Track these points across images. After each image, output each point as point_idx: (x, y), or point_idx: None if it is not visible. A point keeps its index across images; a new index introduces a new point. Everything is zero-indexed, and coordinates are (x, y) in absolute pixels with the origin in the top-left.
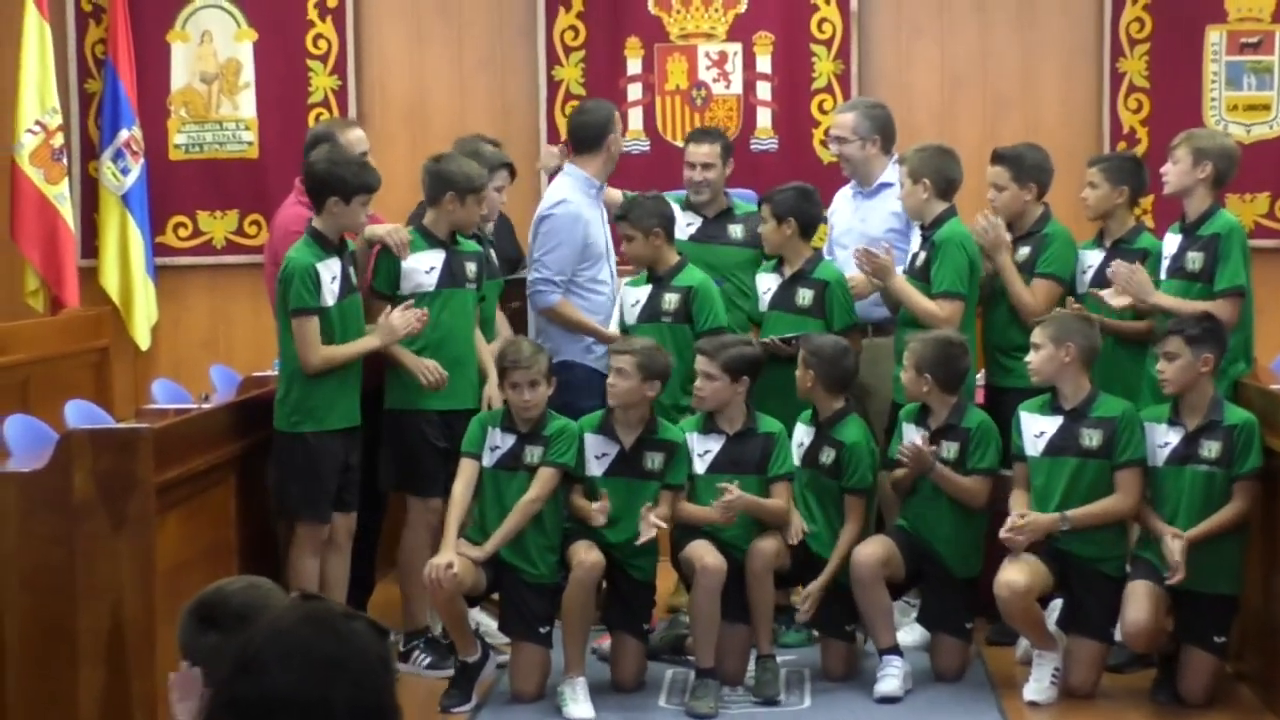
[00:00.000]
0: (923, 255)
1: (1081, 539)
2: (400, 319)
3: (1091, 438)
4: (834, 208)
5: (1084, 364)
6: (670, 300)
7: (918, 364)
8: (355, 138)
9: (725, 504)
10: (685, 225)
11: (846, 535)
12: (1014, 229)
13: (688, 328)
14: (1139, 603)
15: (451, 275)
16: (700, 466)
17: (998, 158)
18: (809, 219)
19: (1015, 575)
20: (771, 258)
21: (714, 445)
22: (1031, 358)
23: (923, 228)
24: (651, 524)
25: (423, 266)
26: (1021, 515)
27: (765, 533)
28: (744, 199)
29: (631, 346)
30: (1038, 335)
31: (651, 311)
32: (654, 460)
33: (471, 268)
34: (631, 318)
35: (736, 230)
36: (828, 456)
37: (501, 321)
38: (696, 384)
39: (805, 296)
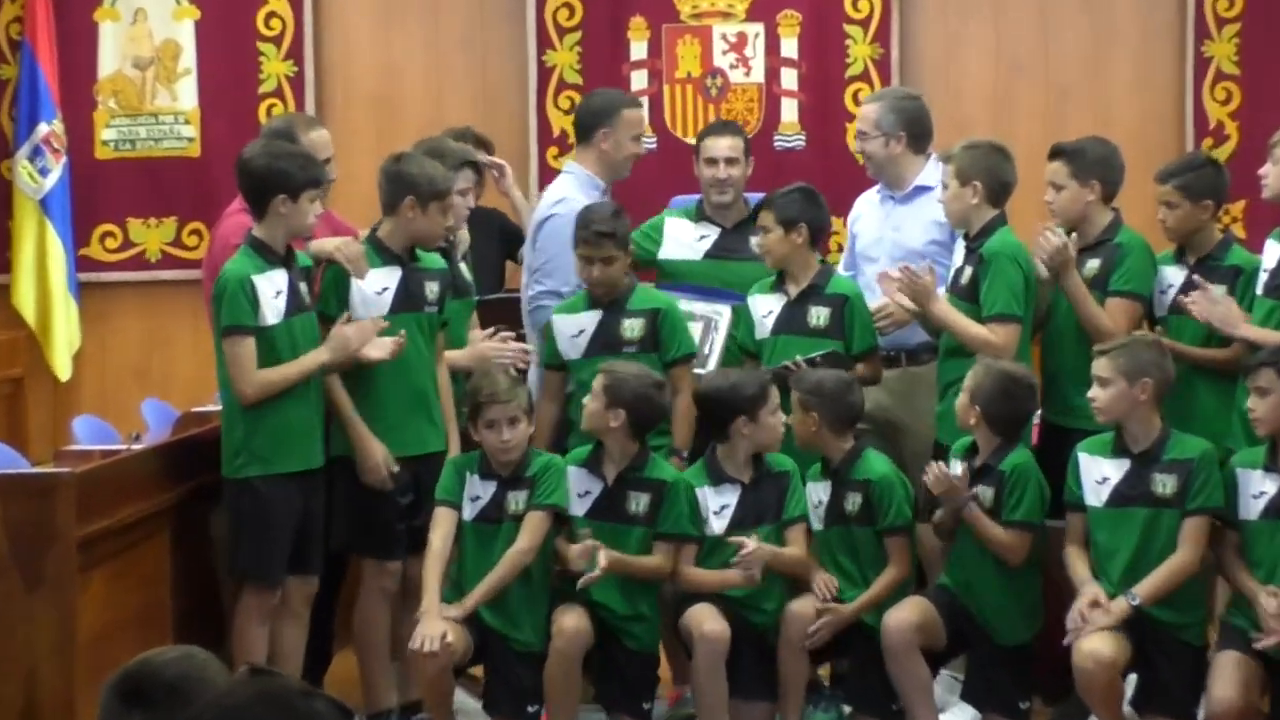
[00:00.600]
0: (969, 271)
1: (1164, 606)
2: (357, 329)
3: (1165, 484)
4: (857, 214)
5: (1158, 400)
6: (632, 327)
7: (973, 392)
8: (320, 140)
9: (747, 561)
10: (697, 239)
11: (885, 578)
12: (1078, 237)
13: (655, 357)
14: (1227, 677)
15: (408, 296)
16: (717, 525)
17: (1056, 152)
18: (820, 225)
19: (1100, 645)
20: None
21: (729, 498)
22: (1097, 394)
23: (967, 238)
24: (588, 550)
25: (374, 286)
26: (1094, 604)
27: (799, 595)
28: None
29: (610, 366)
30: (1104, 368)
31: (607, 340)
32: (638, 502)
33: (432, 288)
34: (573, 350)
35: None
36: (854, 503)
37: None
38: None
39: (819, 316)
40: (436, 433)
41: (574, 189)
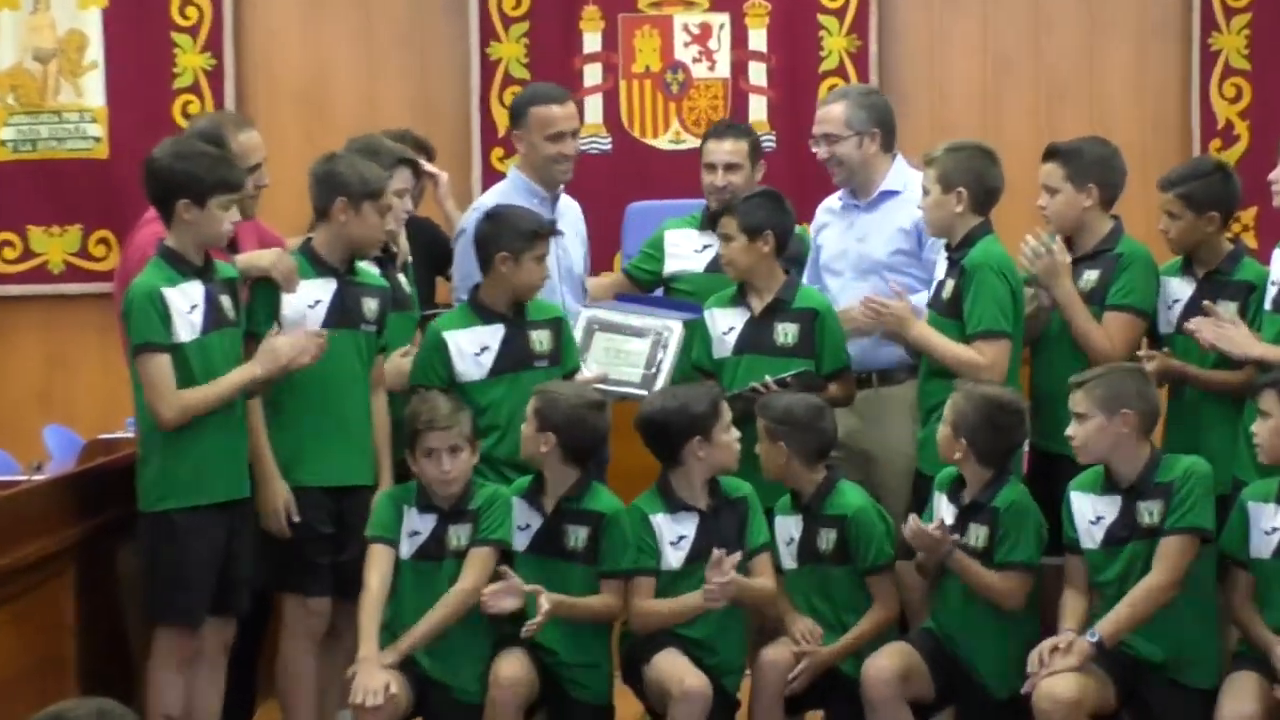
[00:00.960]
0: (950, 285)
1: (1149, 636)
2: (288, 340)
3: (1151, 512)
4: (820, 223)
5: (1145, 432)
6: (540, 339)
7: (956, 422)
8: (250, 142)
9: (720, 584)
10: (699, 249)
11: (870, 619)
12: (1074, 247)
13: (559, 370)
14: (1242, 694)
15: (343, 311)
16: (674, 559)
17: (1051, 153)
18: (786, 232)
19: (1059, 685)
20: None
21: (687, 528)
22: (1074, 431)
23: (949, 248)
24: (510, 590)
25: (306, 299)
26: (1055, 648)
27: (773, 640)
28: None
29: (544, 386)
30: (1080, 401)
31: (518, 356)
32: (576, 536)
33: (370, 306)
34: (476, 371)
35: None
36: (828, 541)
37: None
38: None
39: (787, 333)
40: (364, 464)
41: (507, 195)
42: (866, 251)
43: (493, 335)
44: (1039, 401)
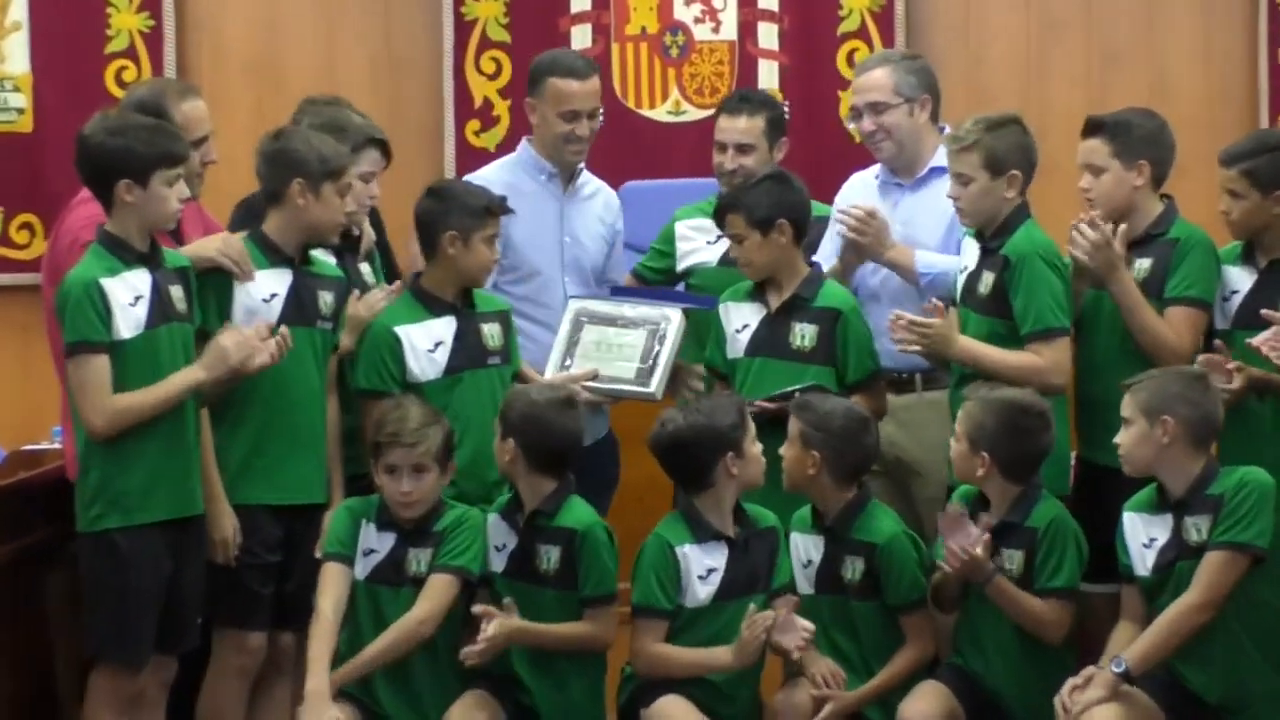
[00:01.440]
0: (989, 278)
1: (1203, 669)
2: (235, 339)
3: (1199, 528)
4: (846, 202)
5: (1195, 443)
6: (491, 333)
7: (972, 435)
8: (195, 113)
9: (751, 638)
10: (712, 239)
11: (903, 659)
12: (1128, 227)
13: (510, 369)
14: None
15: (299, 307)
16: (702, 593)
17: (1094, 126)
18: (802, 217)
19: (1108, 717)
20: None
21: (718, 559)
22: (1121, 438)
23: (982, 236)
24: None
25: (260, 293)
26: (1074, 687)
27: (791, 680)
28: None
29: (515, 387)
30: (1127, 405)
31: (472, 352)
32: (548, 557)
33: (326, 299)
34: (431, 369)
35: None
36: (853, 570)
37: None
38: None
39: (804, 335)
40: (318, 480)
41: (504, 167)
42: (914, 237)
43: (445, 328)
44: (1085, 406)
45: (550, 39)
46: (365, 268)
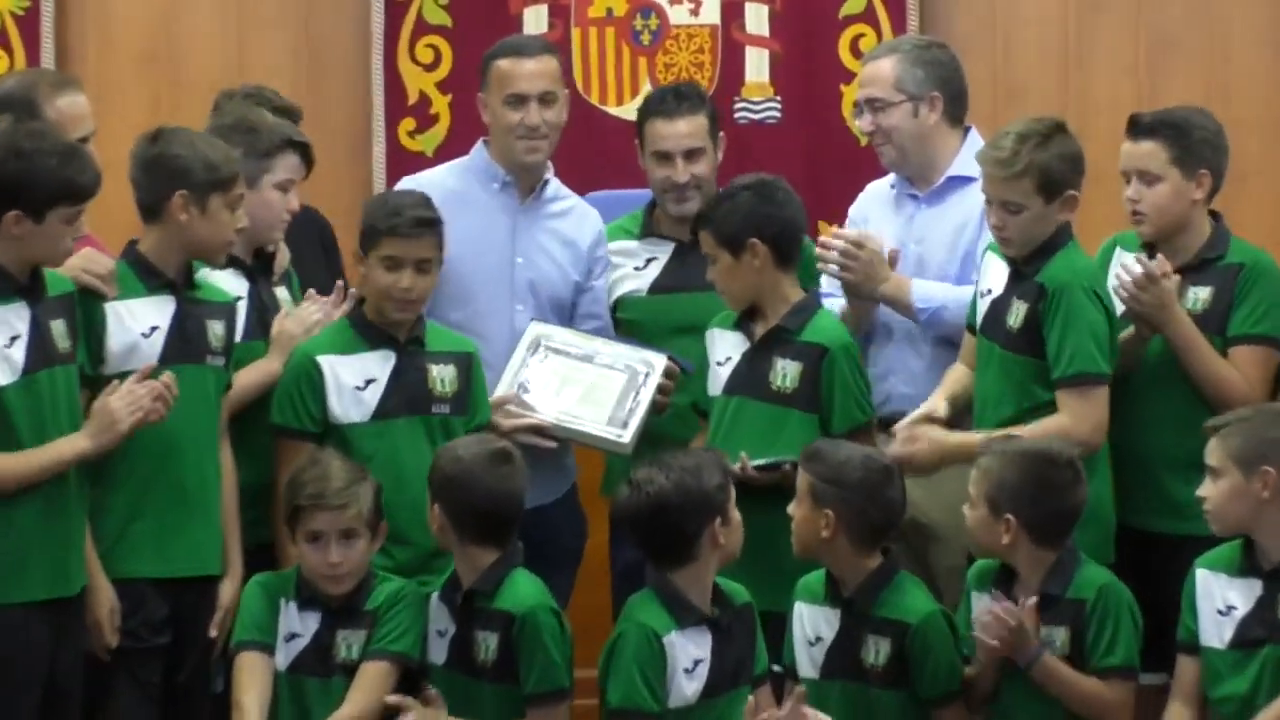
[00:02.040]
0: (1021, 309)
1: None
2: (126, 401)
3: None
4: (860, 216)
5: None
6: (442, 377)
7: (993, 496)
8: (73, 109)
9: None
10: (640, 264)
11: None
12: (1170, 255)
13: (466, 420)
14: None
15: (184, 341)
16: (689, 689)
17: (1151, 126)
18: (784, 233)
19: None
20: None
21: (703, 647)
22: (1208, 491)
23: (1014, 260)
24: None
25: (138, 325)
26: None
27: None
28: None
29: (443, 446)
30: (1214, 452)
31: (412, 394)
32: (486, 646)
33: (216, 330)
34: (356, 410)
35: None
36: (877, 653)
37: None
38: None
39: (785, 374)
40: (212, 548)
41: (449, 173)
42: (928, 257)
43: (381, 364)
44: (1124, 463)
45: (498, 23)
46: (282, 293)
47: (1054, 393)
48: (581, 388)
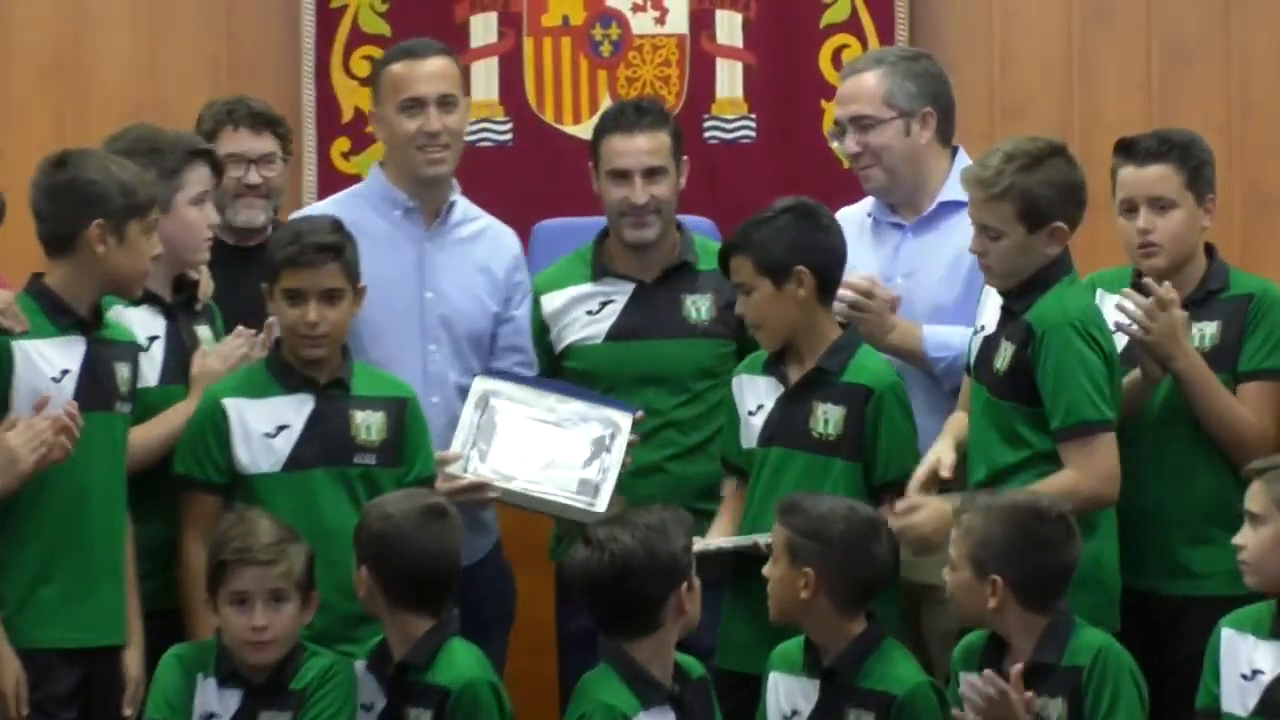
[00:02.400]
0: (1008, 351)
1: None
2: (25, 437)
3: None
4: None
5: None
6: (368, 423)
7: (977, 556)
8: None
9: None
10: (595, 307)
11: None
12: (1179, 286)
13: (397, 474)
14: None
15: (95, 385)
16: None
17: (1161, 149)
18: (836, 265)
19: None
20: (737, 345)
21: None
22: (1246, 539)
23: (1009, 294)
24: None
25: (48, 369)
26: None
27: None
28: (702, 231)
29: (371, 503)
30: (1258, 499)
31: (331, 443)
32: None
33: (123, 371)
34: (265, 460)
35: (700, 306)
36: None
37: None
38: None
39: (827, 420)
40: (120, 611)
41: (348, 204)
42: (918, 294)
43: (296, 409)
44: (1133, 519)
45: (442, 32)
46: (204, 331)
47: (1054, 443)
48: (543, 451)
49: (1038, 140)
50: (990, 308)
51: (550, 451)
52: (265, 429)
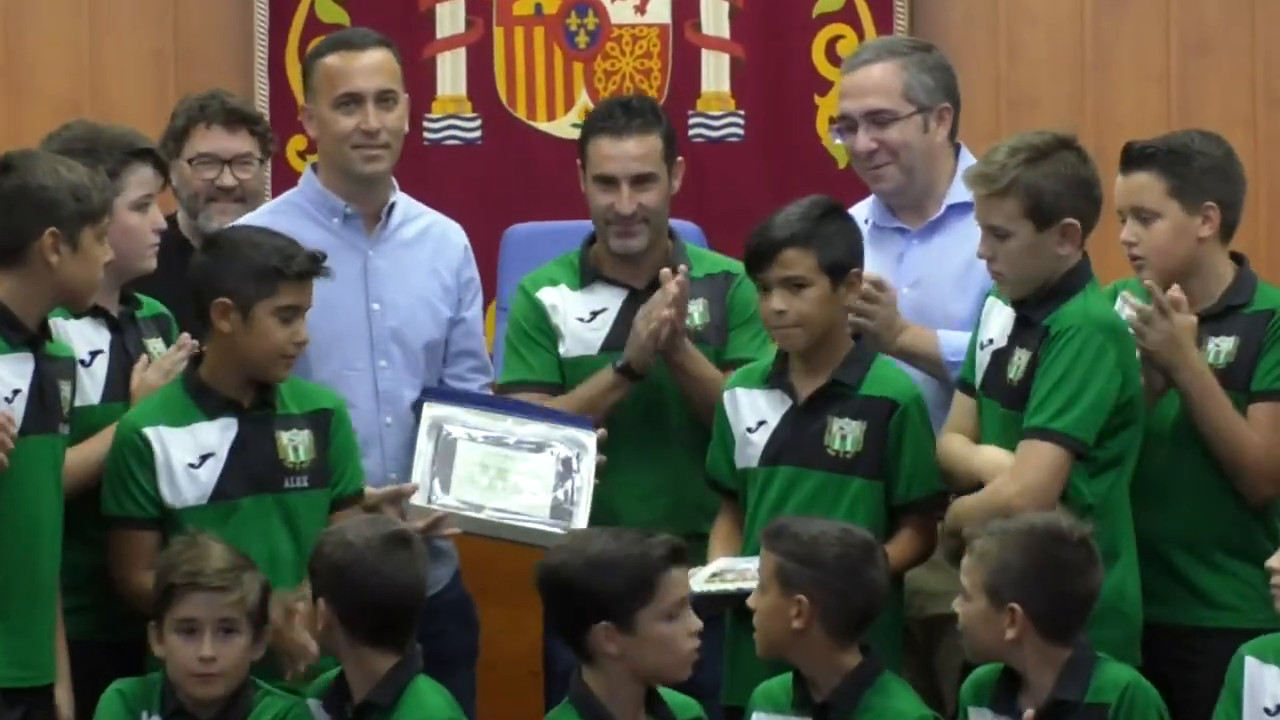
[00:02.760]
0: (1023, 359)
1: None
2: None
3: None
4: None
5: None
6: (295, 443)
7: (993, 583)
8: None
9: None
10: (586, 317)
11: None
12: (1188, 301)
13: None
14: None
15: (42, 406)
16: None
17: (1140, 156)
18: (858, 267)
19: None
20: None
21: None
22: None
23: (1021, 303)
24: None
25: (1, 388)
26: None
27: None
28: (687, 236)
29: (327, 531)
30: None
31: (259, 471)
32: None
33: (65, 390)
34: (191, 491)
35: (694, 313)
36: None
37: None
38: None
39: (845, 436)
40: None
41: (280, 213)
42: (929, 303)
43: (219, 435)
44: (1149, 547)
45: (405, 21)
46: (157, 344)
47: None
48: (507, 478)
49: (1044, 133)
50: (996, 320)
51: (515, 476)
52: (188, 459)
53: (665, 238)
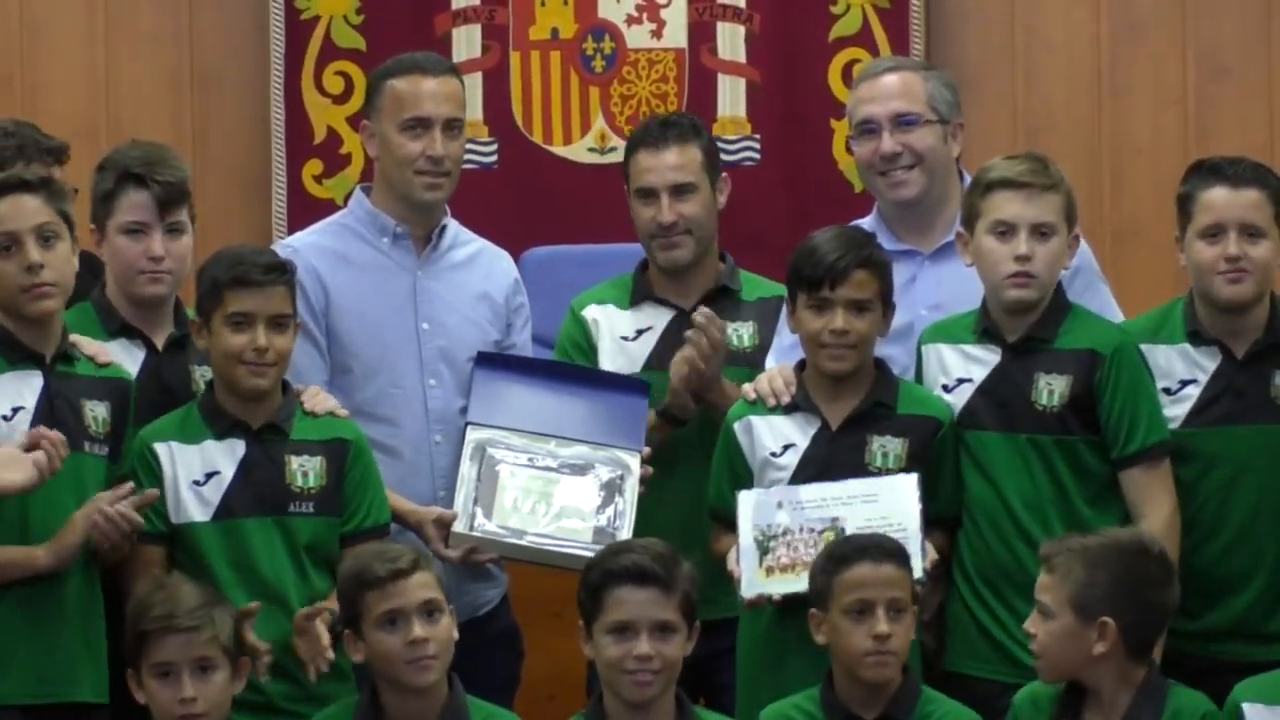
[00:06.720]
0: (1061, 383)
1: None
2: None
3: None
4: None
5: None
6: (305, 468)
7: (1080, 599)
8: None
9: None
10: (630, 335)
11: None
12: (1242, 331)
13: (338, 522)
14: None
15: (53, 424)
16: None
17: (1247, 175)
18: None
19: None
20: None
21: None
22: None
23: (992, 331)
24: None
25: (1, 404)
26: None
27: None
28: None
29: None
30: None
31: (265, 493)
32: None
33: (98, 411)
34: (198, 509)
35: (742, 334)
36: None
37: None
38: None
39: (887, 453)
40: (96, 669)
41: (326, 230)
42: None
43: (227, 454)
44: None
45: (420, 45)
46: (202, 370)
47: (1116, 472)
48: (551, 502)
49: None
50: (951, 362)
51: (559, 501)
52: (195, 476)
53: (715, 258)
